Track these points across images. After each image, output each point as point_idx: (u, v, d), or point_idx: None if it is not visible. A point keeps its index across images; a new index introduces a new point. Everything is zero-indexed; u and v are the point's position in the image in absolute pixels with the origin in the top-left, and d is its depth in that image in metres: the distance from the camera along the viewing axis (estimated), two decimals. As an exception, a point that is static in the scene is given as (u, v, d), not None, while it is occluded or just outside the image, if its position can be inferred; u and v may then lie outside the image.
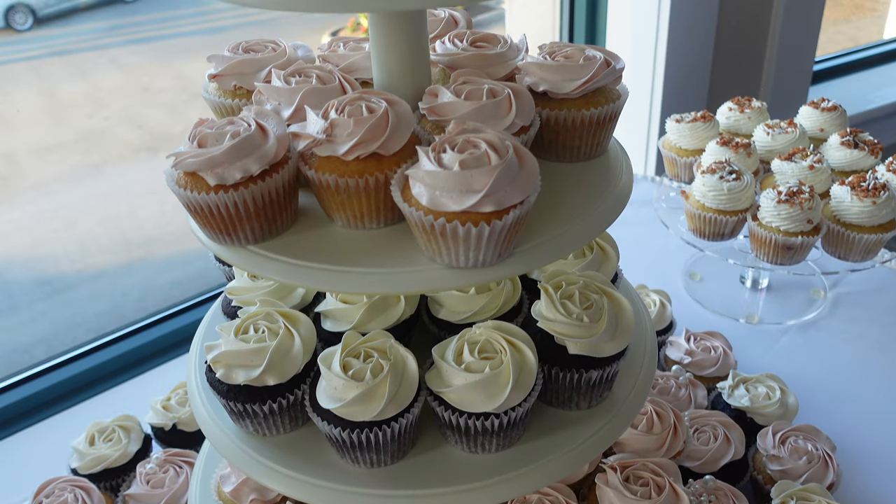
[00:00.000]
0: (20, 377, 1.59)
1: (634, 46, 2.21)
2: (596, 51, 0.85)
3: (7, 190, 2.15)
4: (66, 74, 2.31)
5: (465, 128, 0.71)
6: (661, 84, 2.21)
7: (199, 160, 0.71)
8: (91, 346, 1.64)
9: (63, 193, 2.22)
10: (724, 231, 1.40)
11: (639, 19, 2.17)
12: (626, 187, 0.85)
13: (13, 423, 1.51)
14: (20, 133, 2.20)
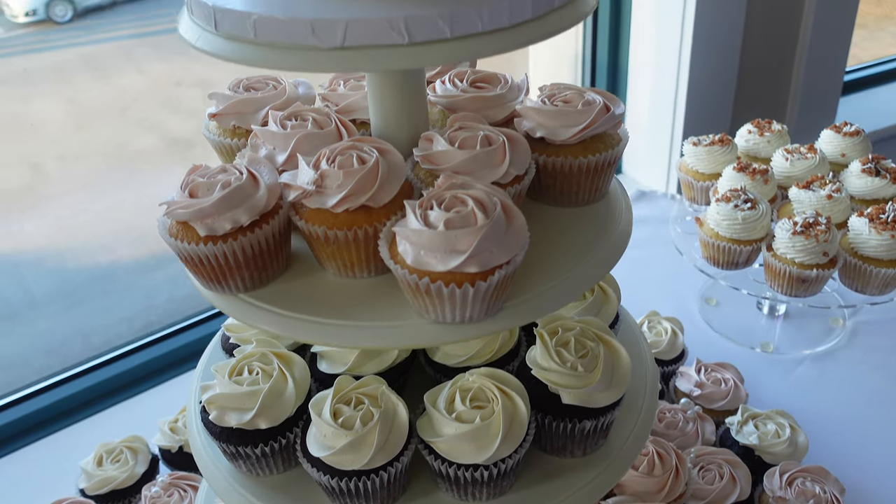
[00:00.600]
0: (30, 390, 1.61)
1: (657, 58, 2.18)
2: (596, 94, 0.84)
3: (33, 197, 2.19)
4: (92, 79, 2.33)
5: (454, 182, 0.70)
6: (685, 95, 2.18)
7: (189, 211, 0.71)
8: (103, 358, 1.66)
9: (88, 200, 2.25)
10: (739, 260, 1.38)
11: (663, 32, 2.14)
12: (624, 233, 0.84)
13: (23, 436, 1.53)
14: (46, 140, 2.23)
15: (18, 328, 2.00)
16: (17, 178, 2.19)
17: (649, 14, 2.15)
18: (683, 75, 2.12)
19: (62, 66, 2.26)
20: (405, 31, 0.61)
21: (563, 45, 2.41)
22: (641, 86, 2.26)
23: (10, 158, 2.19)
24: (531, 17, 0.65)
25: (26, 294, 2.07)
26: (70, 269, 2.11)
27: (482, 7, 0.62)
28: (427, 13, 0.61)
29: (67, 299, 2.09)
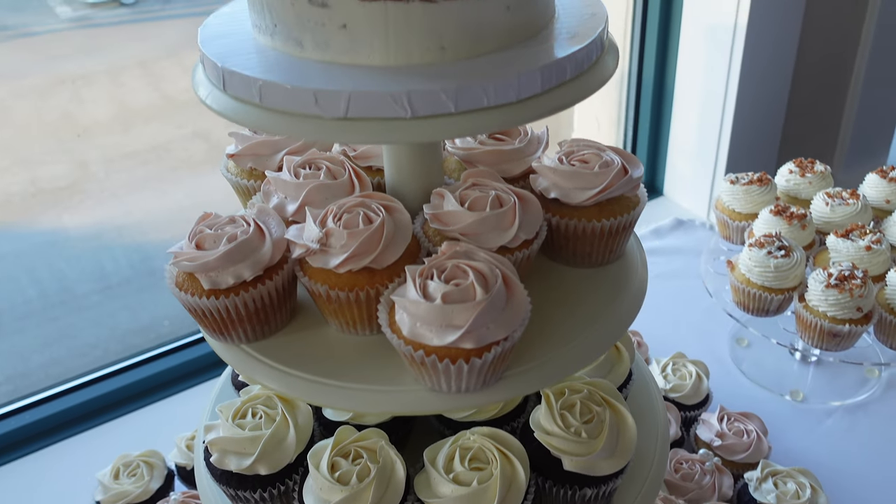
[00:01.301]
0: (55, 391, 1.64)
1: (705, 84, 2.13)
2: (615, 154, 0.82)
3: (77, 195, 2.23)
4: (143, 83, 2.38)
5: (458, 251, 0.69)
6: (731, 125, 2.13)
7: (194, 264, 0.71)
8: (128, 363, 1.69)
9: (130, 201, 2.29)
10: (769, 308, 1.34)
11: (711, 58, 2.09)
12: (637, 299, 0.82)
13: (50, 434, 1.56)
14: (94, 139, 2.28)
15: (55, 322, 2.05)
16: (63, 175, 2.24)
17: (699, 37, 2.10)
18: (730, 105, 2.07)
19: (115, 68, 2.31)
20: (408, 105, 0.60)
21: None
22: (687, 109, 2.21)
23: (59, 156, 2.25)
24: (540, 91, 0.64)
25: (66, 290, 2.12)
26: (107, 268, 2.15)
27: (488, 82, 0.61)
28: (431, 88, 0.60)
29: (104, 296, 2.13)
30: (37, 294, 2.07)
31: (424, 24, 0.62)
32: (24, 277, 2.09)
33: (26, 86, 2.22)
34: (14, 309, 2.03)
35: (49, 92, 2.24)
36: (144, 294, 2.13)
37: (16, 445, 1.57)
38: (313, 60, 0.64)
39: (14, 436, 1.58)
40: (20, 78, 2.21)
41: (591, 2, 0.76)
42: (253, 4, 0.67)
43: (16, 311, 2.03)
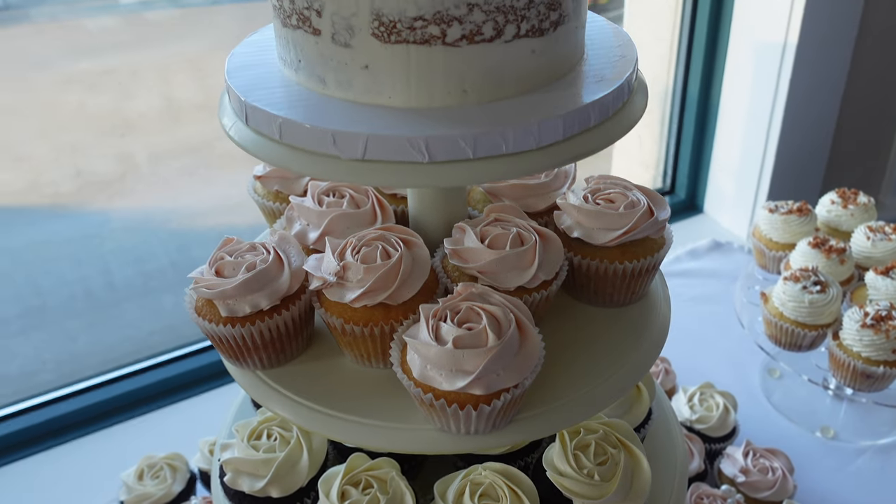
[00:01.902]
0: (91, 383, 1.68)
1: (751, 105, 2.09)
2: (641, 194, 0.81)
3: (122, 187, 2.28)
4: (188, 79, 2.41)
5: (473, 292, 0.69)
6: (775, 147, 2.08)
7: (212, 291, 0.72)
8: (158, 360, 1.72)
9: (172, 197, 2.33)
10: (802, 343, 1.31)
11: (758, 78, 2.05)
12: (657, 343, 0.81)
13: (70, 430, 1.60)
14: (140, 134, 2.32)
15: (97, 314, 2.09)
16: (109, 167, 2.28)
17: (747, 54, 2.06)
18: (776, 125, 2.03)
19: (163, 63, 2.35)
20: (426, 150, 0.59)
21: (655, 77, 2.34)
22: (732, 127, 2.17)
23: (105, 149, 2.29)
24: (562, 138, 0.63)
25: (108, 281, 2.16)
26: (149, 261, 2.19)
27: (508, 129, 0.60)
28: (449, 134, 0.59)
29: (144, 288, 2.17)
30: (79, 283, 2.12)
31: (446, 68, 0.61)
32: (68, 266, 2.14)
33: (75, 78, 2.27)
34: (56, 295, 2.08)
35: (98, 85, 2.28)
36: (183, 288, 2.16)
37: (44, 437, 1.61)
38: (335, 98, 0.64)
39: (41, 428, 1.61)
40: (70, 70, 2.26)
41: (623, 41, 0.75)
42: (279, 38, 0.68)
43: (58, 297, 2.08)
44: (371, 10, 0.59)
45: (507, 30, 0.61)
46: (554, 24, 0.63)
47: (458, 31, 0.60)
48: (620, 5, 2.52)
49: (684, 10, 2.17)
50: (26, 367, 1.89)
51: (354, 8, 0.60)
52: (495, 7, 0.59)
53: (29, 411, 1.65)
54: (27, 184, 2.22)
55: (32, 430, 1.62)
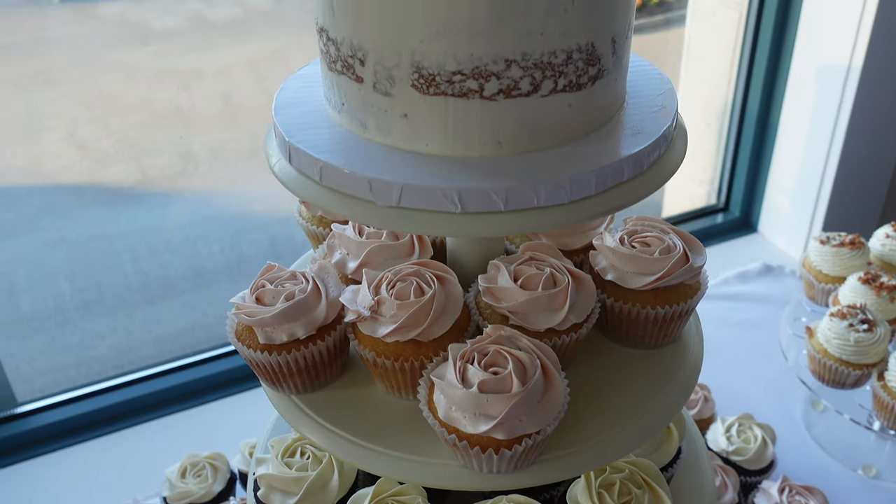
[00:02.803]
0: (139, 375, 1.74)
1: (811, 126, 2.05)
2: (678, 238, 0.81)
3: (181, 185, 2.35)
4: (248, 82, 2.47)
5: (502, 335, 0.70)
6: (834, 172, 2.04)
7: (251, 319, 0.75)
8: (202, 357, 1.77)
9: (229, 195, 2.39)
10: (846, 381, 1.29)
11: (820, 100, 2.01)
12: (687, 387, 0.81)
13: (115, 421, 1.66)
14: (199, 133, 2.38)
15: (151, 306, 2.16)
16: (169, 164, 2.35)
17: (809, 74, 2.02)
18: (836, 149, 1.99)
19: (225, 65, 2.41)
20: (458, 201, 0.61)
21: (714, 90, 2.32)
22: (792, 146, 2.13)
23: (166, 146, 2.36)
24: (594, 192, 0.64)
25: (163, 276, 2.23)
26: (203, 257, 2.26)
27: (539, 184, 0.61)
28: (481, 186, 0.61)
29: (197, 284, 2.24)
30: (136, 277, 2.19)
31: (483, 120, 0.63)
32: (126, 260, 2.21)
33: (141, 77, 2.34)
34: (113, 287, 2.15)
35: (161, 84, 2.35)
36: (234, 285, 2.22)
37: (91, 427, 1.67)
38: (375, 143, 0.66)
39: (87, 418, 1.68)
40: (137, 69, 2.33)
41: (665, 89, 0.75)
42: (325, 79, 0.70)
43: (115, 289, 2.16)
44: (411, 62, 0.61)
45: (544, 85, 0.62)
46: (592, 78, 0.64)
47: (496, 86, 0.61)
48: (683, 5, 2.49)
49: (748, 24, 2.14)
50: (81, 355, 1.97)
51: (396, 59, 0.61)
52: (533, 63, 0.61)
53: (83, 399, 1.72)
54: (89, 173, 2.30)
55: (84, 417, 1.68)
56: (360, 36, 0.62)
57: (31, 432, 1.65)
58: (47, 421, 1.67)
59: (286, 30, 2.44)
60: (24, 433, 1.65)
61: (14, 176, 2.30)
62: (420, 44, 0.60)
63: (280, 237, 2.30)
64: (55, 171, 2.29)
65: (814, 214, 2.16)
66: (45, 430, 1.66)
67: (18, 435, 1.64)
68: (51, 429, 1.66)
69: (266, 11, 2.47)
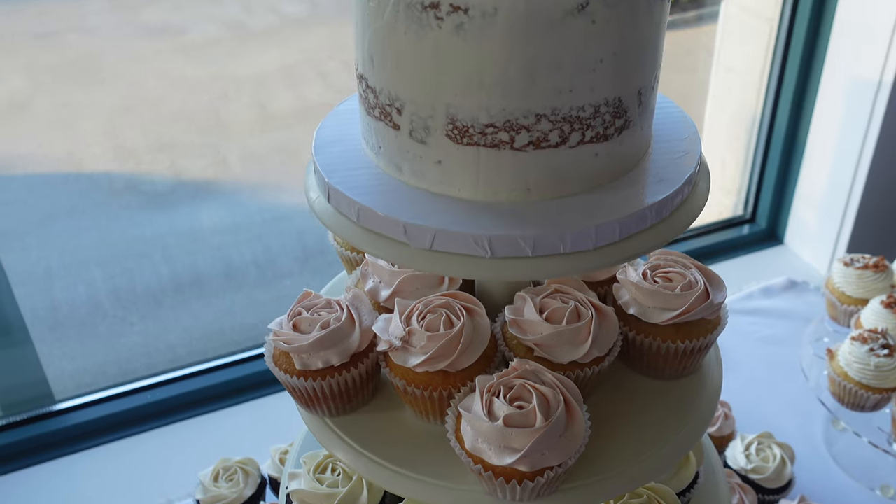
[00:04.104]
0: (176, 374, 1.79)
1: (839, 142, 2.06)
2: (700, 274, 0.84)
3: (214, 188, 2.40)
4: (282, 88, 2.51)
5: (528, 369, 0.73)
6: (863, 182, 2.04)
7: (288, 346, 0.79)
8: (233, 359, 1.82)
9: (261, 199, 2.44)
10: (865, 405, 1.31)
11: (849, 118, 2.02)
12: (704, 419, 0.84)
13: (147, 421, 1.71)
14: (234, 138, 2.44)
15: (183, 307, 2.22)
16: (203, 167, 2.41)
17: (839, 89, 2.03)
18: (864, 165, 2.00)
19: (261, 72, 2.46)
20: (488, 247, 0.64)
21: (744, 102, 2.32)
22: (819, 161, 2.14)
23: (201, 150, 2.42)
24: (618, 239, 0.67)
25: (195, 277, 2.29)
26: (234, 261, 2.31)
27: (566, 231, 0.64)
28: (510, 234, 0.64)
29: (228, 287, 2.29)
30: (169, 277, 2.25)
31: (513, 169, 0.66)
32: (159, 259, 2.27)
33: (179, 81, 2.40)
34: (147, 286, 2.21)
35: (199, 89, 2.40)
36: (264, 289, 2.28)
37: (125, 425, 1.72)
38: (410, 186, 0.70)
39: (122, 416, 1.73)
40: (176, 74, 2.39)
41: (689, 133, 0.77)
42: (364, 122, 0.73)
43: (149, 290, 2.22)
44: (446, 114, 0.64)
45: (572, 137, 0.65)
46: (618, 129, 0.67)
47: (526, 138, 0.64)
48: (716, 1, 2.50)
49: (778, 38, 2.15)
50: (115, 354, 2.03)
51: (431, 111, 0.65)
52: (562, 117, 0.64)
53: (119, 397, 1.78)
54: (125, 172, 2.36)
55: (120, 416, 1.74)
56: (397, 87, 0.66)
57: (68, 429, 1.71)
58: (84, 419, 1.73)
59: (321, 37, 2.49)
60: (62, 430, 1.71)
61: (50, 164, 2.36)
62: (455, 98, 0.63)
63: (311, 243, 2.35)
64: (87, 159, 2.34)
65: (840, 229, 2.17)
66: (81, 428, 1.72)
67: (56, 432, 1.71)
68: (87, 426, 1.71)
69: (301, 19, 2.52)
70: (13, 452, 1.66)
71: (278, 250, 2.34)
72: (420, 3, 0.60)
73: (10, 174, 2.33)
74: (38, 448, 1.67)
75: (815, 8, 2.05)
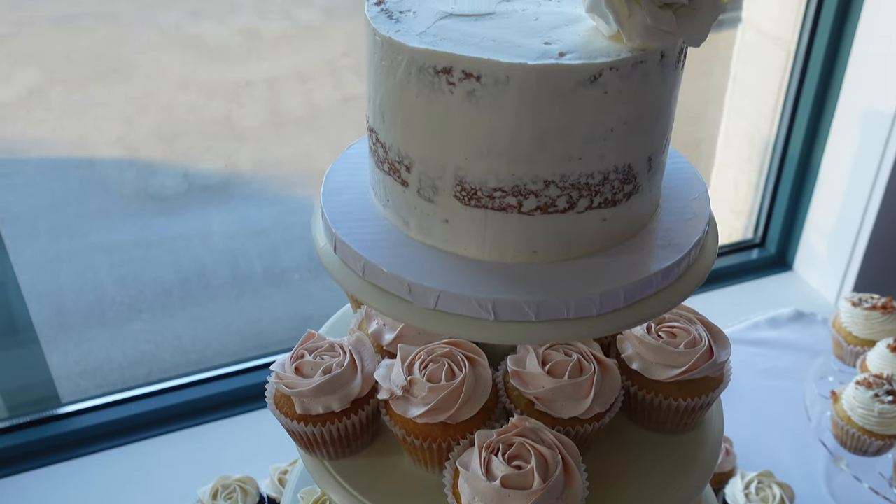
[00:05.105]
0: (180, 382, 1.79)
1: (853, 171, 2.05)
2: (704, 330, 0.83)
3: (224, 194, 2.40)
4: (295, 93, 2.51)
5: (528, 427, 0.73)
6: (875, 213, 2.03)
7: (290, 391, 0.79)
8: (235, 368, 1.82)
9: (271, 206, 2.44)
10: (867, 450, 1.30)
11: (864, 147, 2.00)
12: (706, 472, 0.83)
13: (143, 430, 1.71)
14: (246, 143, 2.44)
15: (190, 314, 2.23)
16: (214, 173, 2.41)
17: (854, 118, 2.02)
18: (876, 197, 1.98)
19: (274, 77, 2.46)
20: (492, 310, 0.64)
21: (757, 126, 2.31)
22: (832, 190, 2.13)
23: (212, 155, 2.42)
24: (622, 305, 0.66)
25: (204, 284, 2.29)
26: (242, 267, 2.31)
27: (570, 298, 0.64)
28: (514, 298, 0.64)
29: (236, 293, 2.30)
30: (177, 283, 2.26)
31: (520, 232, 0.66)
32: (168, 265, 2.28)
33: (193, 86, 2.40)
34: (155, 291, 2.22)
35: (212, 94, 2.40)
36: (271, 296, 2.28)
37: (129, 431, 1.73)
38: (416, 241, 0.70)
39: (126, 422, 1.74)
40: (189, 79, 2.39)
41: (699, 193, 0.77)
42: (373, 173, 0.73)
43: (157, 294, 2.22)
44: (455, 176, 0.64)
45: (580, 202, 0.65)
46: (627, 195, 0.67)
47: (534, 203, 0.64)
48: (737, 6, 2.47)
49: (795, 64, 2.14)
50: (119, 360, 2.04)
51: (440, 172, 0.65)
52: (570, 184, 0.63)
53: (123, 403, 1.78)
54: (136, 176, 2.37)
55: (123, 421, 1.74)
56: (407, 146, 0.65)
57: (72, 433, 1.72)
58: (88, 423, 1.73)
59: (334, 44, 2.48)
60: (66, 434, 1.72)
61: (63, 148, 2.36)
62: (464, 161, 0.63)
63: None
64: (100, 145, 2.33)
65: (850, 259, 2.16)
66: (85, 433, 1.72)
67: (60, 436, 1.71)
68: (91, 431, 1.72)
69: (316, 27, 2.51)
70: (16, 455, 1.67)
71: (287, 257, 2.34)
72: (433, 67, 0.60)
73: (26, 157, 2.33)
74: (40, 451, 1.68)
75: (833, 34, 2.04)
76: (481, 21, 0.64)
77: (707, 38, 0.63)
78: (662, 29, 0.59)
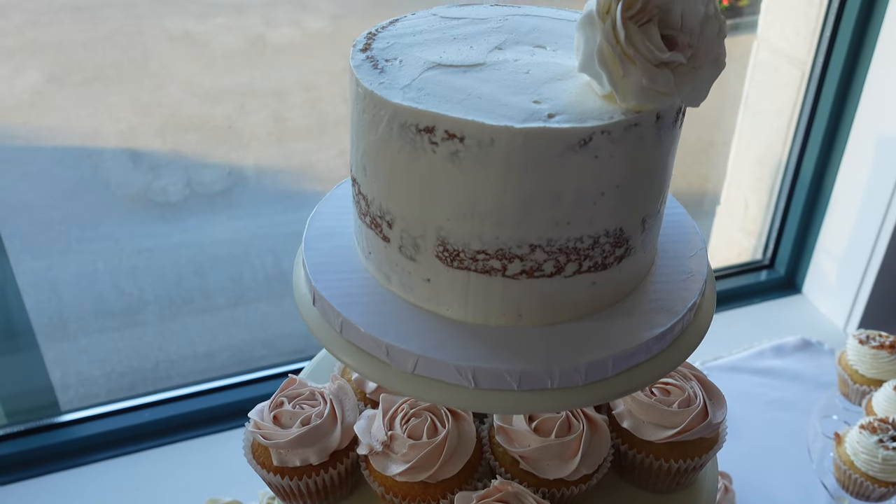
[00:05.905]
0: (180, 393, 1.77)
1: (865, 198, 2.00)
2: (700, 388, 0.80)
3: (227, 201, 2.38)
4: (301, 102, 2.49)
5: (509, 491, 0.70)
6: (887, 241, 1.99)
7: (267, 442, 0.76)
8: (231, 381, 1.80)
9: (274, 212, 2.42)
10: (871, 496, 1.26)
11: (876, 170, 1.96)
12: (696, 540, 0.80)
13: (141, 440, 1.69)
14: (249, 151, 2.42)
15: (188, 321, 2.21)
16: (218, 180, 2.39)
17: (868, 143, 1.97)
18: (889, 225, 1.94)
19: (281, 86, 2.44)
20: (472, 378, 0.61)
21: (770, 147, 2.27)
22: (844, 213, 2.09)
23: (216, 161, 2.40)
24: (610, 374, 0.63)
25: (204, 291, 2.27)
26: (245, 275, 2.29)
27: (554, 367, 0.61)
28: (495, 367, 0.61)
29: (237, 301, 2.28)
30: (177, 290, 2.24)
31: (504, 295, 0.63)
32: (169, 272, 2.26)
33: (197, 92, 2.38)
34: (156, 298, 2.20)
35: (217, 101, 2.38)
36: (274, 305, 2.26)
37: (126, 442, 1.71)
38: (397, 296, 0.67)
39: (124, 433, 1.71)
40: (194, 84, 2.37)
41: (697, 250, 0.74)
42: (356, 224, 0.70)
43: (159, 301, 2.21)
44: (437, 236, 0.61)
45: (567, 267, 0.62)
46: (619, 258, 0.64)
47: (518, 267, 0.61)
48: (755, 10, 2.43)
49: (809, 85, 2.09)
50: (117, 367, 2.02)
51: (422, 231, 0.62)
52: (558, 248, 0.60)
53: (121, 413, 1.76)
54: (140, 180, 2.35)
55: (121, 432, 1.73)
56: (388, 202, 0.63)
57: (71, 443, 1.70)
58: (88, 432, 1.71)
59: (342, 53, 2.46)
60: (64, 443, 1.70)
61: (76, 138, 2.34)
62: (446, 222, 0.60)
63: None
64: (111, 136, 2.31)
65: (860, 285, 2.11)
66: (84, 442, 1.70)
67: (57, 445, 1.69)
68: (90, 441, 1.70)
69: (324, 35, 2.49)
70: (13, 463, 1.65)
71: (289, 263, 2.32)
72: (415, 125, 0.57)
73: (39, 145, 2.31)
74: (37, 460, 1.66)
75: (850, 56, 1.99)
76: (470, 73, 0.61)
77: (707, 97, 0.59)
78: (659, 90, 0.56)
